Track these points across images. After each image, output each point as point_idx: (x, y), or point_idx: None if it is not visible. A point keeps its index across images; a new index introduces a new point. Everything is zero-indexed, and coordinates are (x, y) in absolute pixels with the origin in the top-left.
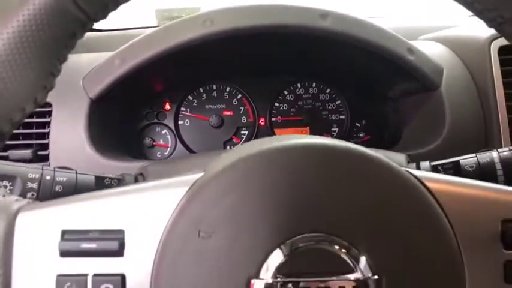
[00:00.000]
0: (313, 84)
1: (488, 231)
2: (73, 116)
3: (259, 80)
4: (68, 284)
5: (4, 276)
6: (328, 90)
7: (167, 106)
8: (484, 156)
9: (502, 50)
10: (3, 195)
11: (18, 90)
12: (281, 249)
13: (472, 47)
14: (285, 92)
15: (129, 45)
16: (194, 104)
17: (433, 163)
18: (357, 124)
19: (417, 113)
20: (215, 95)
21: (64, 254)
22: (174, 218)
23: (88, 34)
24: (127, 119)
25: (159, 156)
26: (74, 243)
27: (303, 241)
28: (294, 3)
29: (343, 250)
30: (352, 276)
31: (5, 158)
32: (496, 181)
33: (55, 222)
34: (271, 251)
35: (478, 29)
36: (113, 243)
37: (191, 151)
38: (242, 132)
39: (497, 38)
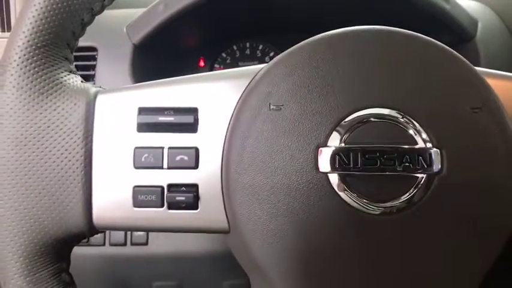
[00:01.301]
0: None
1: None
2: (117, 60)
3: (293, 37)
4: (146, 155)
5: (85, 150)
6: None
7: (201, 63)
8: None
9: None
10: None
11: None
12: (347, 121)
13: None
14: None
15: None
16: (227, 61)
17: None
18: None
19: None
20: (248, 52)
21: (141, 128)
22: (246, 93)
23: None
24: (167, 70)
25: None
26: (151, 116)
27: (368, 114)
28: None
29: (408, 124)
30: (416, 147)
31: None
32: None
33: (132, 101)
34: (339, 122)
35: None
36: (188, 117)
37: None
38: None
39: None
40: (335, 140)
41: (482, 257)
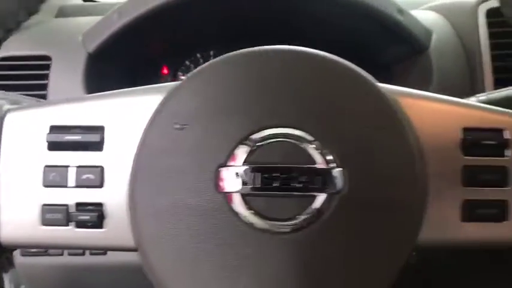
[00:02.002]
0: None
1: (450, 138)
2: (71, 69)
3: (253, 46)
4: (54, 173)
5: None
6: None
7: (165, 70)
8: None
9: (489, 13)
10: None
11: None
12: (249, 140)
13: (461, 10)
14: None
15: (128, 1)
16: (191, 69)
17: None
18: None
19: (407, 78)
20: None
21: (51, 146)
22: (155, 112)
23: (88, 4)
24: (125, 79)
25: None
26: (60, 135)
27: (269, 134)
28: None
29: (311, 144)
30: (316, 166)
31: None
32: None
33: (44, 119)
34: (240, 142)
35: None
36: (94, 136)
37: None
38: None
39: (484, 1)
40: (236, 160)
41: (385, 271)
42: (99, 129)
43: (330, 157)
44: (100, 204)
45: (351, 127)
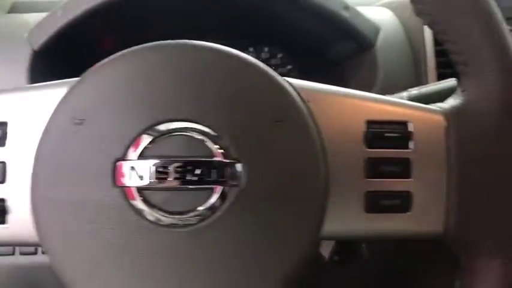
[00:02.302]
0: (265, 49)
1: (353, 131)
2: (16, 66)
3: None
4: None
5: None
6: (279, 55)
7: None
8: (397, 95)
9: None
10: None
11: None
12: (147, 134)
13: (409, 7)
14: None
15: None
16: None
17: None
18: None
19: (356, 74)
20: None
21: None
22: (56, 106)
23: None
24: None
25: None
26: None
27: (168, 129)
28: None
29: (208, 137)
30: (213, 159)
31: None
32: None
33: None
34: (137, 136)
35: None
36: None
37: None
38: None
39: None
40: (133, 154)
41: (287, 263)
42: (2, 125)
43: (228, 151)
44: (2, 200)
45: (250, 120)
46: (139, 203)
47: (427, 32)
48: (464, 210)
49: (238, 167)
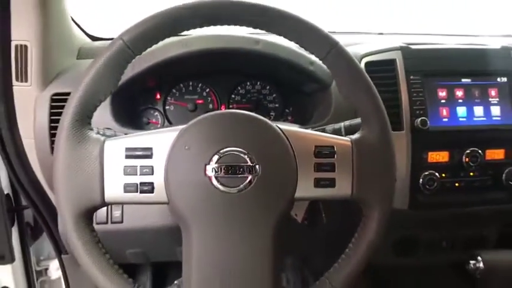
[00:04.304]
0: (258, 83)
1: (309, 149)
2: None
3: (222, 79)
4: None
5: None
6: (267, 87)
7: (158, 96)
8: (337, 125)
9: (367, 64)
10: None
11: (99, 89)
12: (217, 153)
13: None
14: (239, 88)
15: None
16: (177, 94)
17: (316, 128)
18: (286, 110)
19: (320, 103)
20: (191, 88)
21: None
22: (173, 142)
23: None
24: (134, 105)
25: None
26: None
27: (226, 150)
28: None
29: (243, 154)
30: (247, 164)
31: None
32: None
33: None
34: (214, 154)
35: (363, 46)
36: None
37: None
38: None
39: (367, 55)
40: (212, 162)
41: (276, 213)
42: (150, 149)
43: (252, 160)
44: (152, 183)
45: (262, 149)
46: (215, 183)
47: None
48: (359, 184)
49: (257, 167)
